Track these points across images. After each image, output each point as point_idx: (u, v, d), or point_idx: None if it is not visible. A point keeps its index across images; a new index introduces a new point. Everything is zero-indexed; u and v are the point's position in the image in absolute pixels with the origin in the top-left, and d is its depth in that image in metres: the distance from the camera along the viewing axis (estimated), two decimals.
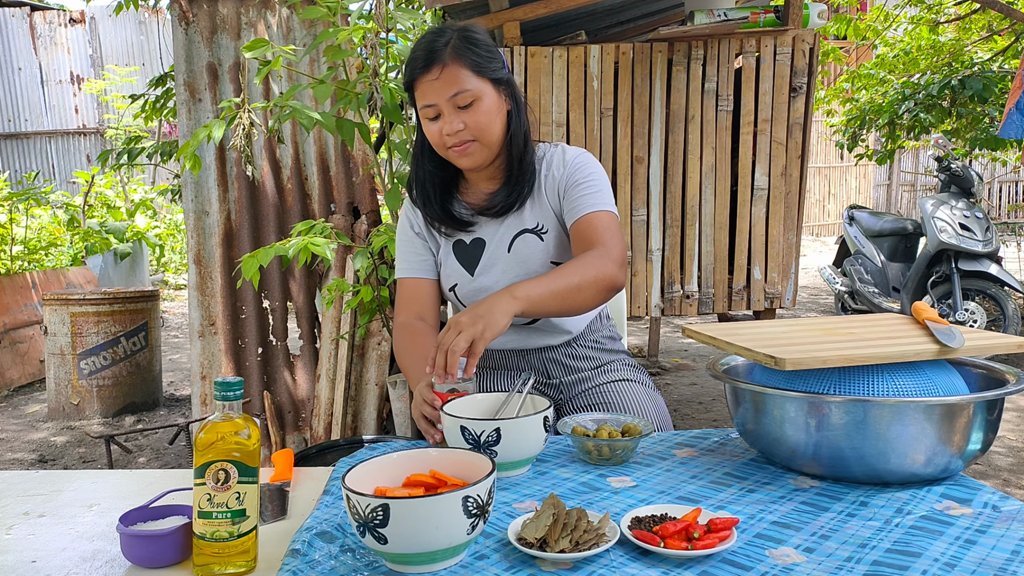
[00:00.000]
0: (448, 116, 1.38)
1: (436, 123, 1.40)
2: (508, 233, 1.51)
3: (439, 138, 1.40)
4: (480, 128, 1.39)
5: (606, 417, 1.27)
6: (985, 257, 4.77)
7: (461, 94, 1.36)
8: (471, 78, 1.37)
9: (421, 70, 1.37)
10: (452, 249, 1.55)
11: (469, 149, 1.41)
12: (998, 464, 3.13)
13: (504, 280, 1.50)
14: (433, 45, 1.37)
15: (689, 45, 3.11)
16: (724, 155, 3.20)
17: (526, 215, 1.51)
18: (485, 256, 1.52)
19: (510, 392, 1.26)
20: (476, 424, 1.09)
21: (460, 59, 1.36)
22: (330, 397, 2.99)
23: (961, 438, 1.00)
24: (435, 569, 0.84)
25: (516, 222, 1.51)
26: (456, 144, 1.40)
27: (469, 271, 1.53)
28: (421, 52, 1.37)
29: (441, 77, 1.35)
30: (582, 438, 1.17)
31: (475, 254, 1.53)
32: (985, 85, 5.52)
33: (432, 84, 1.36)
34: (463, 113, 1.38)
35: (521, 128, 1.47)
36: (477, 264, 1.52)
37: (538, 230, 1.51)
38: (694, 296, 3.27)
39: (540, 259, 1.50)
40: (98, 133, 12.38)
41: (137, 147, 4.27)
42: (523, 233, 1.51)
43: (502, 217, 1.51)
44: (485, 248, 1.53)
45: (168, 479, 1.22)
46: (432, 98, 1.37)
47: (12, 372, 4.75)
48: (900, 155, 12.43)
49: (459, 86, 1.36)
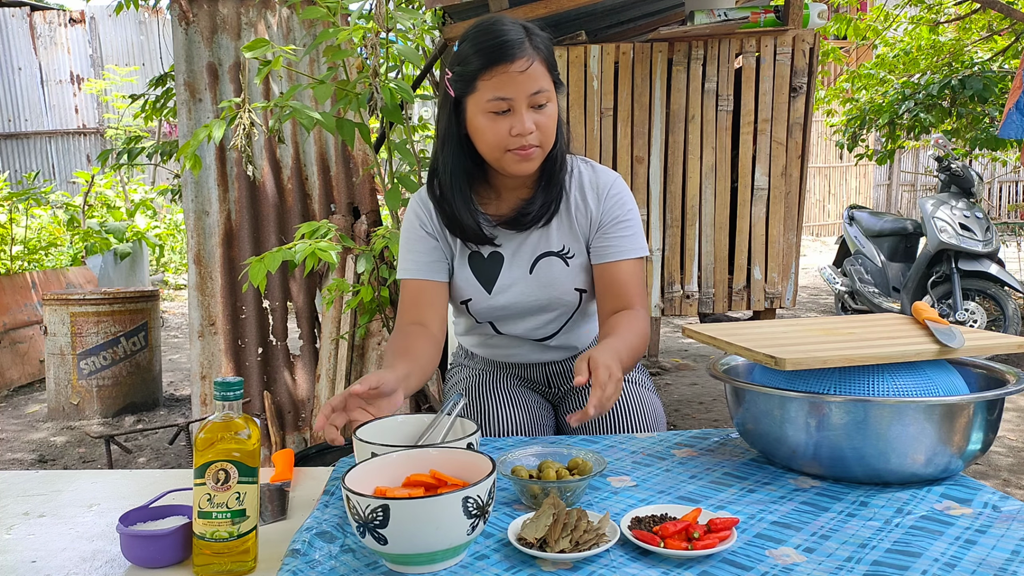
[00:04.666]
0: (522, 114, 1.26)
1: (504, 119, 1.27)
2: (530, 253, 1.43)
3: (503, 137, 1.28)
4: (547, 133, 1.30)
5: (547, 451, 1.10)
6: (985, 257, 4.77)
7: (541, 93, 1.27)
8: (547, 77, 1.29)
9: (506, 59, 1.24)
10: (468, 261, 1.44)
11: (532, 155, 1.30)
12: (998, 464, 3.13)
13: (524, 302, 1.42)
14: (511, 35, 1.25)
15: (689, 45, 3.11)
16: (724, 155, 3.20)
17: (552, 235, 1.42)
18: (504, 274, 1.43)
19: (437, 414, 1.14)
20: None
21: (541, 54, 1.28)
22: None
23: (961, 438, 1.00)
24: (435, 569, 0.84)
25: (540, 242, 1.43)
26: (520, 147, 1.28)
27: (486, 288, 1.43)
28: (498, 39, 1.25)
29: (530, 70, 1.25)
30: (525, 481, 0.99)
31: (493, 271, 1.43)
32: (985, 85, 5.52)
33: (515, 76, 1.24)
34: (536, 113, 1.28)
35: (564, 140, 1.40)
36: (495, 282, 1.43)
37: (564, 254, 1.43)
38: (694, 296, 3.27)
39: (565, 285, 1.43)
40: (98, 133, 12.37)
41: (137, 147, 4.27)
42: (548, 255, 1.42)
43: (526, 232, 1.42)
44: (504, 265, 1.43)
45: (168, 479, 1.21)
46: (511, 91, 1.25)
47: (12, 372, 4.75)
48: (900, 155, 12.42)
49: (540, 84, 1.27)
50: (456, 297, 1.48)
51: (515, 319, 1.48)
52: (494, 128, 1.28)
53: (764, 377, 1.13)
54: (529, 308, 1.45)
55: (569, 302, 1.45)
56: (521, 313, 1.47)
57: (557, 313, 1.48)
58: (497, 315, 1.47)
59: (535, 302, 1.44)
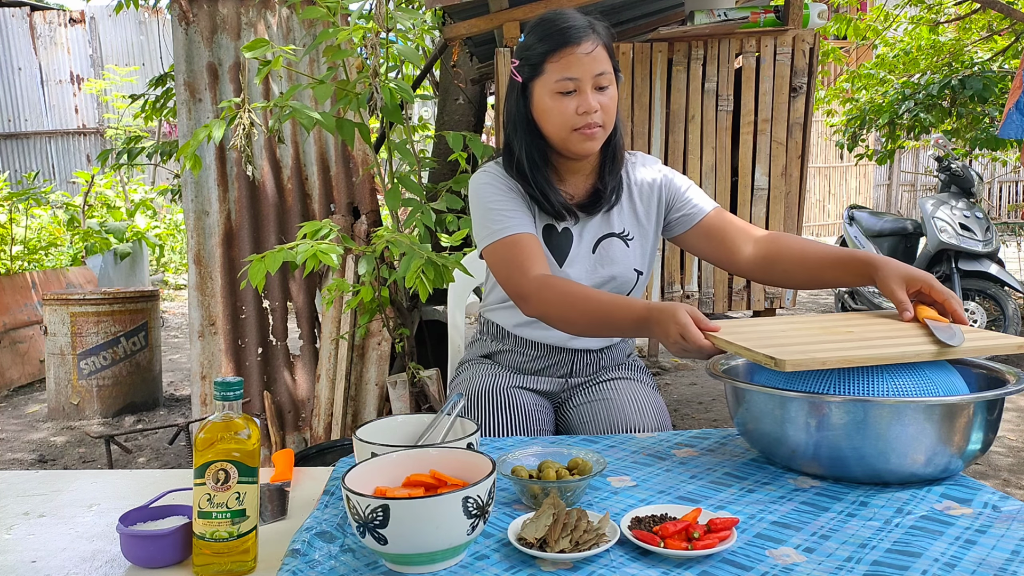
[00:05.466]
0: (587, 94, 1.36)
1: (571, 99, 1.37)
2: (594, 233, 1.51)
3: (570, 116, 1.37)
4: (609, 114, 1.40)
5: (547, 451, 1.09)
6: (985, 257, 4.77)
7: (604, 75, 1.37)
8: (609, 61, 1.39)
9: (574, 41, 1.35)
10: (542, 234, 1.50)
11: (596, 134, 1.39)
12: (998, 464, 3.13)
13: (587, 277, 1.49)
14: (577, 21, 1.37)
15: (689, 45, 3.11)
16: (724, 155, 3.20)
17: (614, 218, 1.52)
18: (574, 249, 1.51)
19: (437, 414, 1.15)
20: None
21: (603, 40, 1.39)
22: (330, 397, 2.99)
23: (961, 438, 1.00)
24: (435, 569, 0.84)
25: (604, 224, 1.52)
26: (586, 125, 1.38)
27: (559, 261, 1.50)
28: (565, 24, 1.36)
29: (594, 53, 1.36)
30: (525, 481, 0.99)
31: (565, 245, 1.51)
32: (985, 85, 5.52)
33: (582, 58, 1.35)
34: (599, 95, 1.38)
35: (620, 127, 1.48)
36: (567, 256, 1.50)
37: (624, 236, 1.52)
38: (694, 296, 3.27)
39: (625, 263, 1.51)
40: (98, 133, 12.38)
41: (137, 147, 4.26)
42: (609, 236, 1.51)
43: (596, 214, 1.51)
44: (574, 242, 1.51)
45: (168, 479, 1.21)
46: (578, 71, 1.35)
47: (12, 372, 4.75)
48: (900, 155, 12.42)
49: (604, 66, 1.37)
50: None
51: None
52: (561, 107, 1.37)
53: (764, 377, 1.13)
54: (590, 282, 1.51)
55: (627, 279, 1.53)
56: None
57: (613, 290, 1.52)
58: None
59: (597, 278, 1.51)
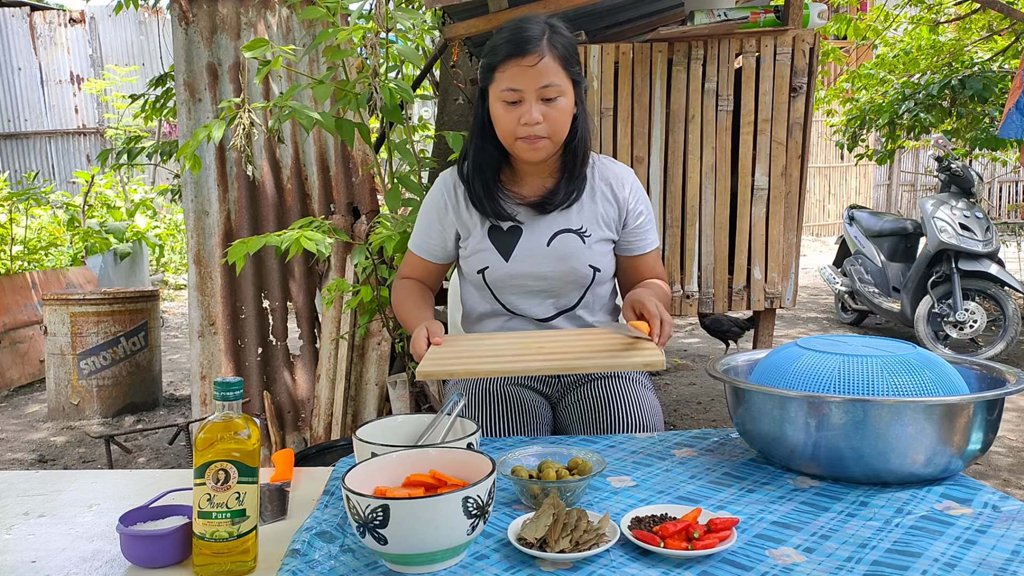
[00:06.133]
0: (531, 105, 1.39)
1: (514, 109, 1.40)
2: (549, 228, 1.53)
3: (513, 125, 1.41)
4: (555, 125, 1.42)
5: (547, 451, 1.10)
6: (985, 257, 4.77)
7: (551, 87, 1.38)
8: (561, 73, 1.39)
9: (518, 53, 1.37)
10: (488, 233, 1.54)
11: (539, 144, 1.42)
12: (998, 464, 3.13)
13: (539, 269, 1.52)
14: (531, 32, 1.38)
15: (689, 45, 3.11)
16: (724, 155, 3.20)
17: (572, 216, 1.53)
18: (521, 244, 1.53)
19: (437, 414, 1.16)
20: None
21: (556, 52, 1.39)
22: (330, 397, 2.99)
23: (961, 438, 1.00)
24: (435, 569, 0.84)
25: (560, 219, 1.53)
26: (528, 136, 1.41)
27: (504, 256, 1.53)
28: (517, 35, 1.38)
29: (540, 65, 1.37)
30: (525, 481, 0.99)
31: (511, 241, 1.53)
32: (985, 85, 5.52)
33: (526, 70, 1.37)
34: (545, 106, 1.39)
35: (586, 134, 1.50)
36: (513, 250, 1.53)
37: (582, 232, 1.53)
38: (694, 296, 3.27)
39: (580, 259, 1.53)
40: (98, 133, 12.37)
41: (137, 147, 4.27)
42: (565, 232, 1.52)
43: (545, 213, 1.53)
44: (522, 236, 1.53)
45: (168, 479, 1.21)
46: (521, 83, 1.38)
47: (12, 372, 4.75)
48: (900, 155, 12.42)
49: (550, 78, 1.38)
50: (473, 268, 1.55)
51: (528, 296, 1.54)
52: (506, 116, 1.41)
53: (764, 377, 1.13)
54: (543, 277, 1.52)
55: (583, 274, 1.54)
56: (535, 287, 1.53)
57: (570, 286, 1.54)
58: (512, 284, 1.53)
59: (550, 271, 1.52)
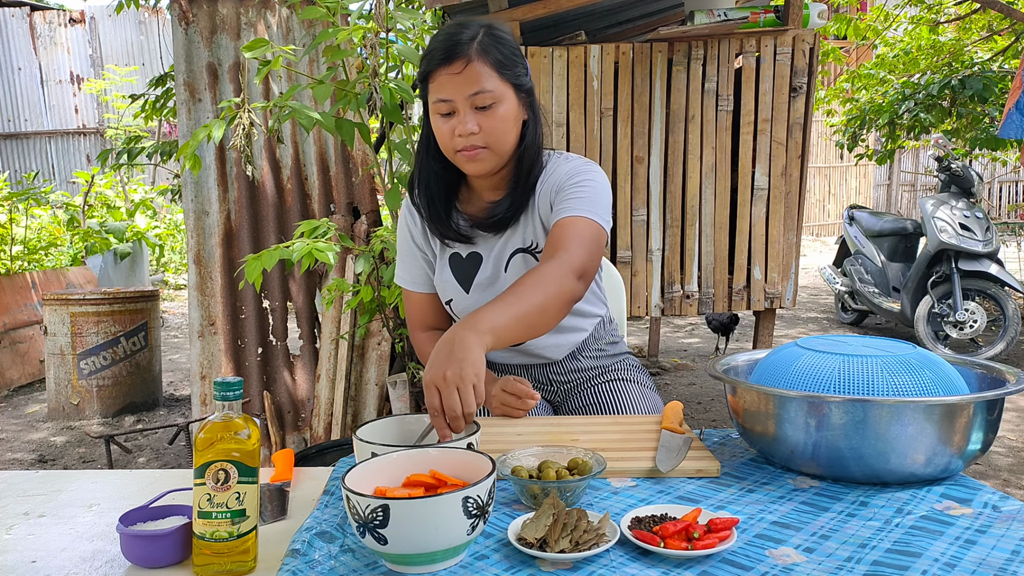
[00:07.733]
0: (464, 115, 1.28)
1: (448, 120, 1.30)
2: (506, 251, 1.44)
3: (449, 138, 1.31)
4: (494, 135, 1.30)
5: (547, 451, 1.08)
6: (985, 257, 4.77)
7: (481, 94, 1.27)
8: (494, 79, 1.28)
9: (442, 61, 1.26)
10: (448, 262, 1.47)
11: (479, 156, 1.31)
12: (998, 464, 3.13)
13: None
14: (458, 37, 1.27)
15: (689, 45, 3.11)
16: (724, 155, 3.20)
17: (519, 233, 1.43)
18: (481, 272, 1.45)
19: None
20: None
21: (486, 57, 1.27)
22: (330, 397, 2.99)
23: (961, 438, 1.00)
24: (435, 569, 0.84)
25: (515, 239, 1.43)
26: (466, 148, 1.30)
27: (464, 287, 1.45)
28: (443, 43, 1.27)
29: (464, 72, 1.26)
30: (525, 481, 0.98)
31: (471, 270, 1.45)
32: (985, 85, 5.52)
33: (453, 78, 1.26)
34: (480, 115, 1.28)
35: (536, 141, 1.38)
36: (472, 280, 1.45)
37: (532, 249, 1.43)
38: (694, 296, 3.27)
39: None
40: (98, 133, 12.38)
41: (137, 147, 4.27)
42: (518, 252, 1.43)
43: (500, 232, 1.43)
44: (482, 264, 1.45)
45: (168, 479, 1.21)
46: (449, 92, 1.27)
47: (12, 372, 4.75)
48: (900, 155, 12.43)
49: (480, 85, 1.27)
50: (440, 297, 1.51)
51: None
52: (441, 129, 1.32)
53: (764, 377, 1.13)
54: None
55: None
56: None
57: None
58: None
59: None
